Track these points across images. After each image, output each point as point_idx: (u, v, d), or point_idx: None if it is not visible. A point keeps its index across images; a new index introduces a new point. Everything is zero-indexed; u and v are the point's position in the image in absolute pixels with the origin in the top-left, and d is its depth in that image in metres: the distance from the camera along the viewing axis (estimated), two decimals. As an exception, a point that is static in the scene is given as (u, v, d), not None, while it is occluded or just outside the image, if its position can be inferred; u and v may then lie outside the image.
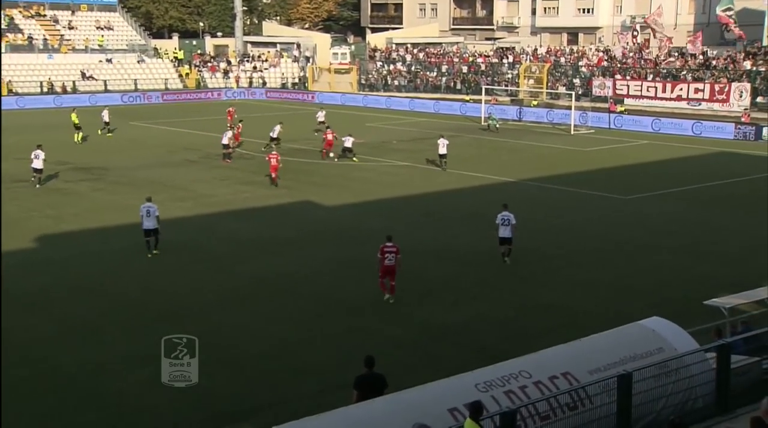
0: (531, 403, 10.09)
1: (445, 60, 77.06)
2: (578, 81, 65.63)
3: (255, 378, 15.39)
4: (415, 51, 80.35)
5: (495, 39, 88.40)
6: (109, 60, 76.53)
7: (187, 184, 33.98)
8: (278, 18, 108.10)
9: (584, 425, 10.34)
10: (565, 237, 25.65)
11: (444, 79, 74.06)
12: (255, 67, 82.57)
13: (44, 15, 79.63)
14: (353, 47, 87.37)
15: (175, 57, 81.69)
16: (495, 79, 70.45)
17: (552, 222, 27.43)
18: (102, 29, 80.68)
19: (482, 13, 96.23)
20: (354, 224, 27.12)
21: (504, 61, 73.55)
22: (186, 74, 79.10)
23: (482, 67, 73.75)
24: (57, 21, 79.48)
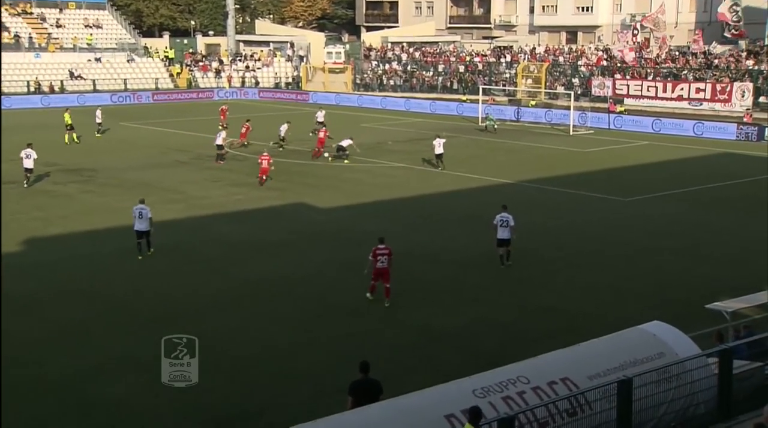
0: (529, 409, 9.99)
1: (442, 59, 76.75)
2: (577, 80, 65.31)
3: (248, 382, 15.20)
4: (411, 50, 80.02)
5: (492, 38, 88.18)
6: (98, 59, 75.62)
7: (179, 186, 33.65)
8: (271, 16, 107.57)
9: (584, 432, 10.20)
10: (565, 239, 25.50)
11: (440, 79, 73.74)
12: (248, 67, 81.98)
13: (31, 13, 78.33)
14: (348, 46, 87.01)
15: (166, 56, 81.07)
16: (492, 79, 70.21)
17: (551, 224, 27.25)
18: (91, 27, 79.72)
19: (479, 12, 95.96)
20: (349, 226, 26.90)
21: (501, 61, 73.28)
22: (177, 74, 78.42)
23: (479, 67, 73.48)
24: (44, 19, 78.33)
